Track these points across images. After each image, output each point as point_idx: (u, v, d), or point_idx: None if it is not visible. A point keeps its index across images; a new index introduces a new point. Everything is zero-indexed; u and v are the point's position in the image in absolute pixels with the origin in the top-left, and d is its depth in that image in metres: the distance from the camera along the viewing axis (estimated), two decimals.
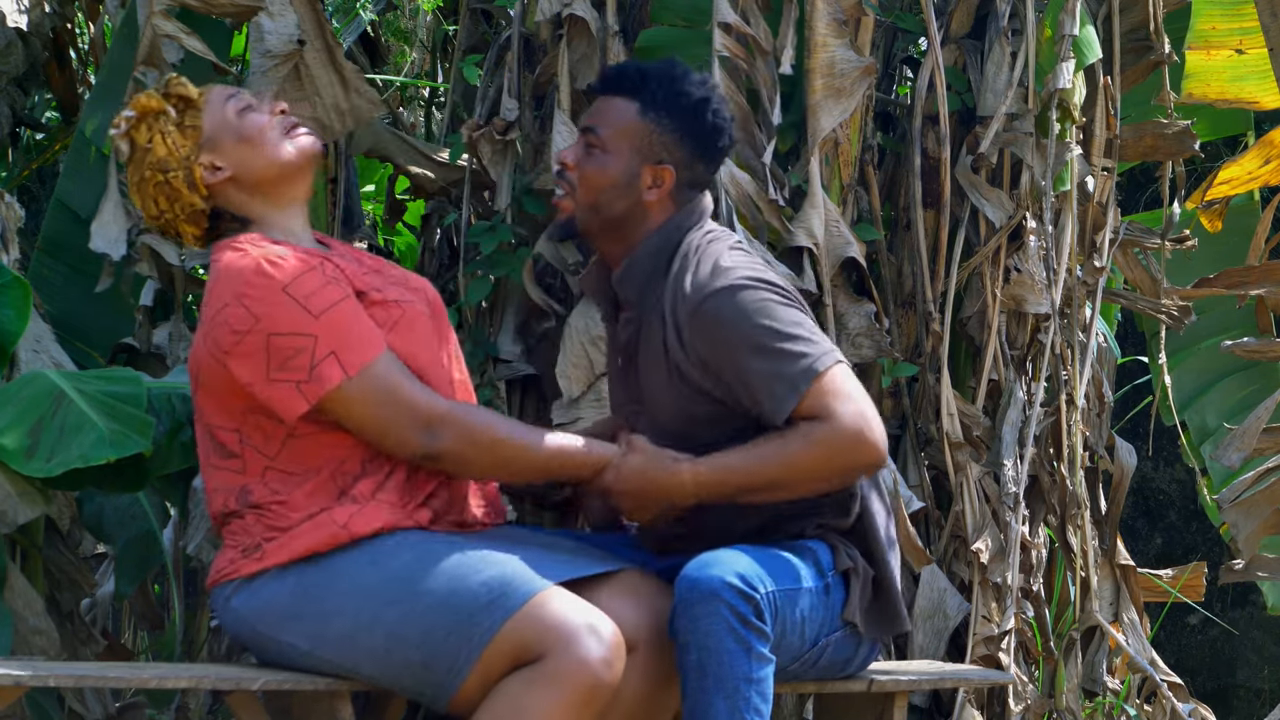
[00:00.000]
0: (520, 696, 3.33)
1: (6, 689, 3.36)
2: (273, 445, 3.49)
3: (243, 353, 3.43)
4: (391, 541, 3.45)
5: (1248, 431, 4.98)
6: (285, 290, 3.44)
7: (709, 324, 3.56)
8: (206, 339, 3.48)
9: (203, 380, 3.52)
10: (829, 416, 3.51)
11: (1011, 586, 4.85)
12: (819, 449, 3.52)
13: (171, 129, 3.61)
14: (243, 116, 3.62)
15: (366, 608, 3.40)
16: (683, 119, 3.65)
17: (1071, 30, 4.85)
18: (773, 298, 3.58)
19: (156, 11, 4.63)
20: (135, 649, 5.81)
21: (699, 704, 3.43)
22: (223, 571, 3.53)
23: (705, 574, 3.43)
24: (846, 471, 3.58)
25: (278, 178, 3.62)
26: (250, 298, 3.44)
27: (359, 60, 6.36)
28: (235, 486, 3.51)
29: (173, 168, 3.60)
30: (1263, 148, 5.61)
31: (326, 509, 3.47)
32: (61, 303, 5.11)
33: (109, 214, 4.70)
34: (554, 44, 4.77)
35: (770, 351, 3.53)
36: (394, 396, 3.45)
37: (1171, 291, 5.43)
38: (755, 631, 3.44)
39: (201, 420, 3.56)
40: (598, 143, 3.65)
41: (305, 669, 3.48)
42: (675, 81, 3.65)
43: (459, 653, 3.36)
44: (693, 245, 3.66)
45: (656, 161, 3.65)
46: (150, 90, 3.66)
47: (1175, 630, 7.87)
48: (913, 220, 4.91)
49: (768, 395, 3.53)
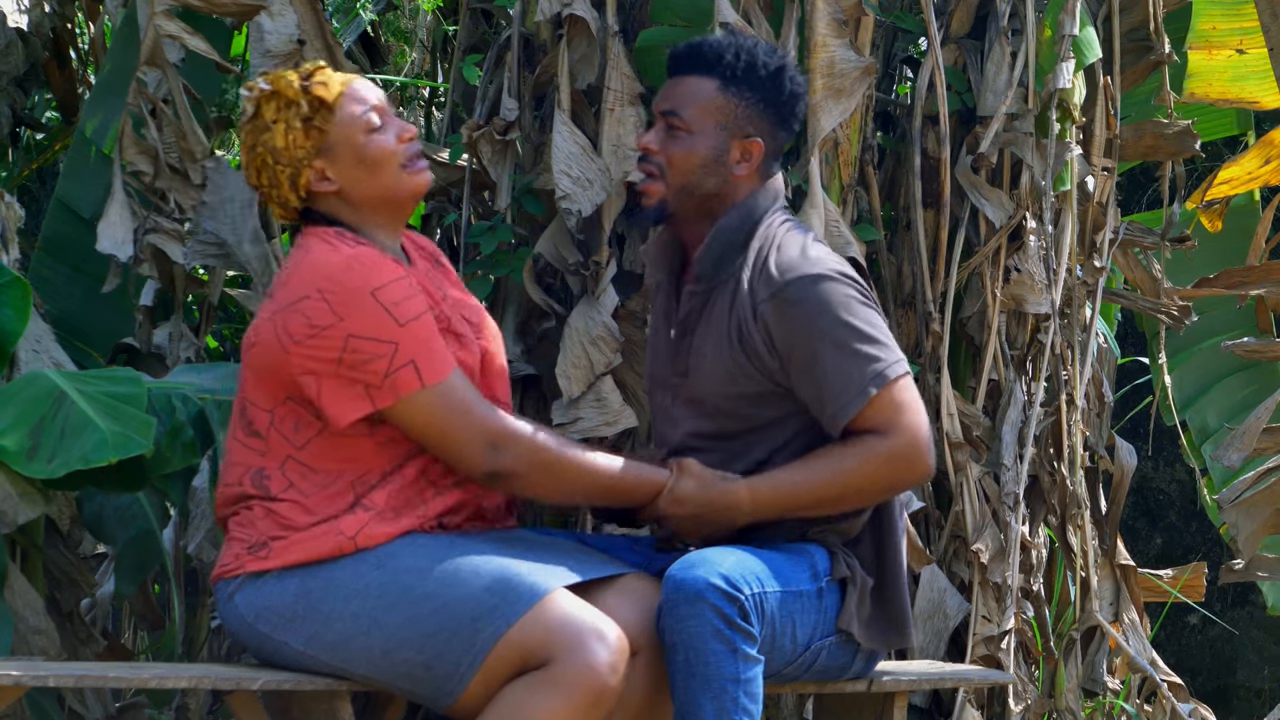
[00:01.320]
0: (525, 701, 3.33)
1: (6, 689, 3.36)
2: (301, 436, 3.48)
3: (315, 346, 3.42)
4: (394, 545, 3.45)
5: (1248, 431, 4.99)
6: (373, 294, 3.43)
7: (791, 307, 3.56)
8: (275, 320, 3.46)
9: (255, 356, 3.50)
10: (889, 431, 3.54)
11: (1011, 586, 4.85)
12: (876, 465, 3.55)
13: (297, 124, 3.54)
14: (369, 138, 3.55)
15: (367, 611, 3.40)
16: (764, 89, 3.64)
17: (1071, 30, 4.85)
18: (856, 295, 3.59)
19: (158, 11, 4.63)
20: (135, 649, 5.81)
21: (686, 704, 3.43)
22: (228, 567, 3.52)
23: (690, 574, 3.43)
24: (899, 487, 3.63)
25: (382, 205, 3.58)
26: (335, 295, 3.42)
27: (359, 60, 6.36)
28: (253, 467, 3.50)
29: (284, 161, 3.54)
30: (1263, 148, 5.61)
31: (336, 517, 3.46)
32: (62, 303, 5.11)
33: (115, 215, 4.70)
34: (554, 44, 4.77)
35: (846, 349, 3.54)
36: (465, 412, 3.45)
37: (1171, 291, 5.43)
38: (741, 632, 3.43)
39: (240, 392, 3.55)
40: (681, 124, 3.62)
41: (304, 670, 3.48)
42: (750, 53, 3.63)
43: (462, 657, 3.35)
44: (774, 227, 3.66)
45: (744, 136, 3.64)
46: (293, 74, 3.56)
47: (1175, 630, 7.87)
48: (913, 220, 4.91)
49: (836, 393, 3.54)
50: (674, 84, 3.67)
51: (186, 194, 4.78)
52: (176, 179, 4.77)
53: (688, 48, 3.68)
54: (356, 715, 3.56)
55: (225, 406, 4.18)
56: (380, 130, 3.57)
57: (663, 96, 3.68)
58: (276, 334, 3.45)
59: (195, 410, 4.12)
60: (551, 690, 3.32)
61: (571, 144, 4.62)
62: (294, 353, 3.43)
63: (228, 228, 4.78)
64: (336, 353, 3.41)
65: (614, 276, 4.62)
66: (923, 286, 4.89)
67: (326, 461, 3.47)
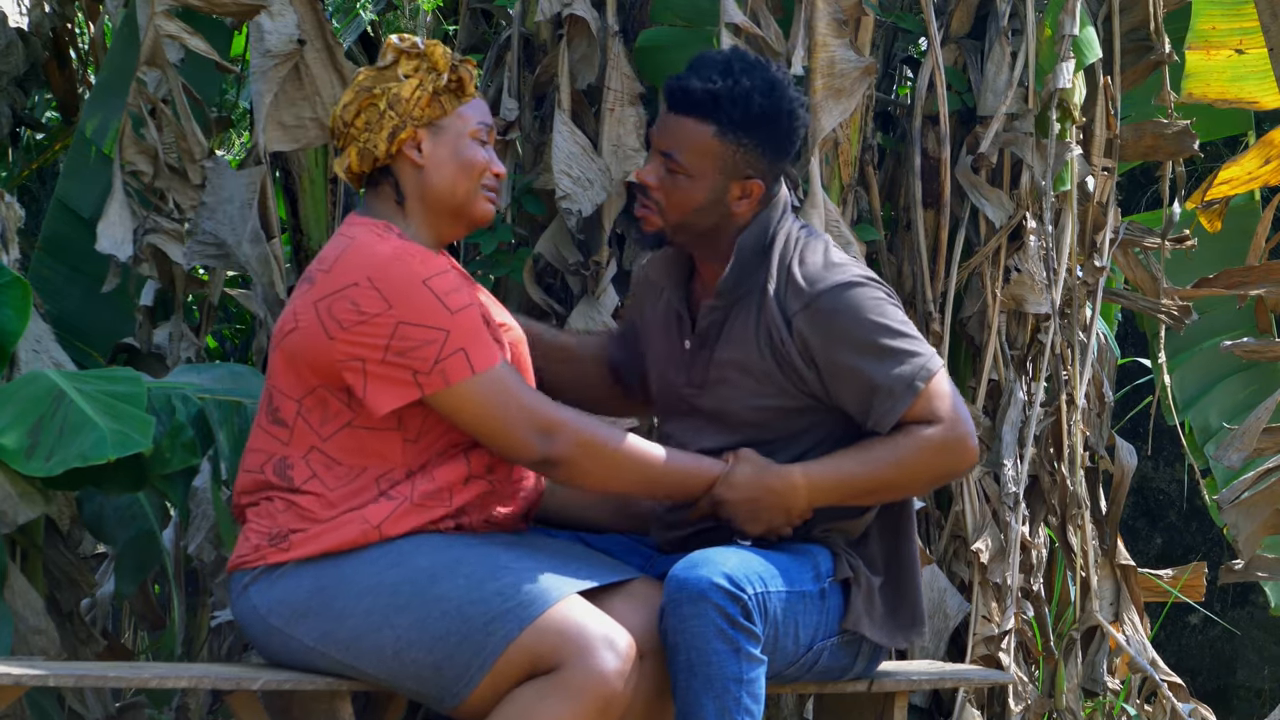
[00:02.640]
0: (533, 706, 3.33)
1: (6, 689, 3.36)
2: (328, 428, 3.48)
3: (362, 333, 3.42)
4: (411, 544, 3.45)
5: (1248, 432, 4.99)
6: (425, 283, 3.44)
7: (826, 317, 3.58)
8: (318, 307, 3.45)
9: (292, 342, 3.49)
10: (938, 419, 3.57)
11: (1011, 586, 4.85)
12: (930, 452, 3.56)
13: (429, 88, 3.57)
14: (473, 144, 3.60)
15: (380, 609, 3.40)
16: (761, 132, 3.62)
17: (1071, 30, 4.85)
18: (884, 296, 3.63)
19: (158, 11, 4.63)
20: (135, 649, 5.81)
21: (688, 704, 3.42)
22: (245, 558, 3.51)
23: (693, 574, 3.43)
24: (950, 474, 3.65)
25: (445, 209, 3.60)
26: (385, 283, 3.43)
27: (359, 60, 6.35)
28: (276, 456, 3.50)
29: (397, 111, 3.56)
30: (1263, 148, 5.61)
31: (359, 508, 3.46)
32: (61, 303, 5.11)
33: (115, 214, 4.69)
34: (554, 44, 4.77)
35: (887, 350, 3.56)
36: (515, 399, 3.46)
37: (1171, 291, 5.43)
38: (744, 632, 3.43)
39: (269, 379, 3.55)
40: (679, 168, 3.60)
41: (312, 665, 3.48)
42: (746, 97, 3.59)
43: (472, 660, 3.35)
44: (791, 237, 3.67)
45: (744, 177, 3.63)
46: (446, 50, 3.60)
47: (1175, 630, 7.87)
48: (913, 220, 4.91)
49: (884, 394, 3.56)
50: (672, 123, 3.62)
51: (185, 194, 4.78)
52: (175, 179, 4.77)
53: (684, 90, 3.61)
54: (356, 715, 3.56)
55: (225, 406, 4.18)
56: (483, 147, 3.62)
57: (660, 133, 3.64)
58: (321, 320, 3.44)
59: (195, 410, 4.12)
60: (560, 695, 3.32)
61: (571, 144, 4.62)
62: (340, 339, 3.43)
63: (227, 228, 4.78)
64: (385, 339, 3.41)
65: (614, 276, 4.62)
66: (923, 286, 4.89)
67: (351, 456, 3.47)
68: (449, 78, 3.57)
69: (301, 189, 5.27)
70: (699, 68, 3.62)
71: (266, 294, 4.82)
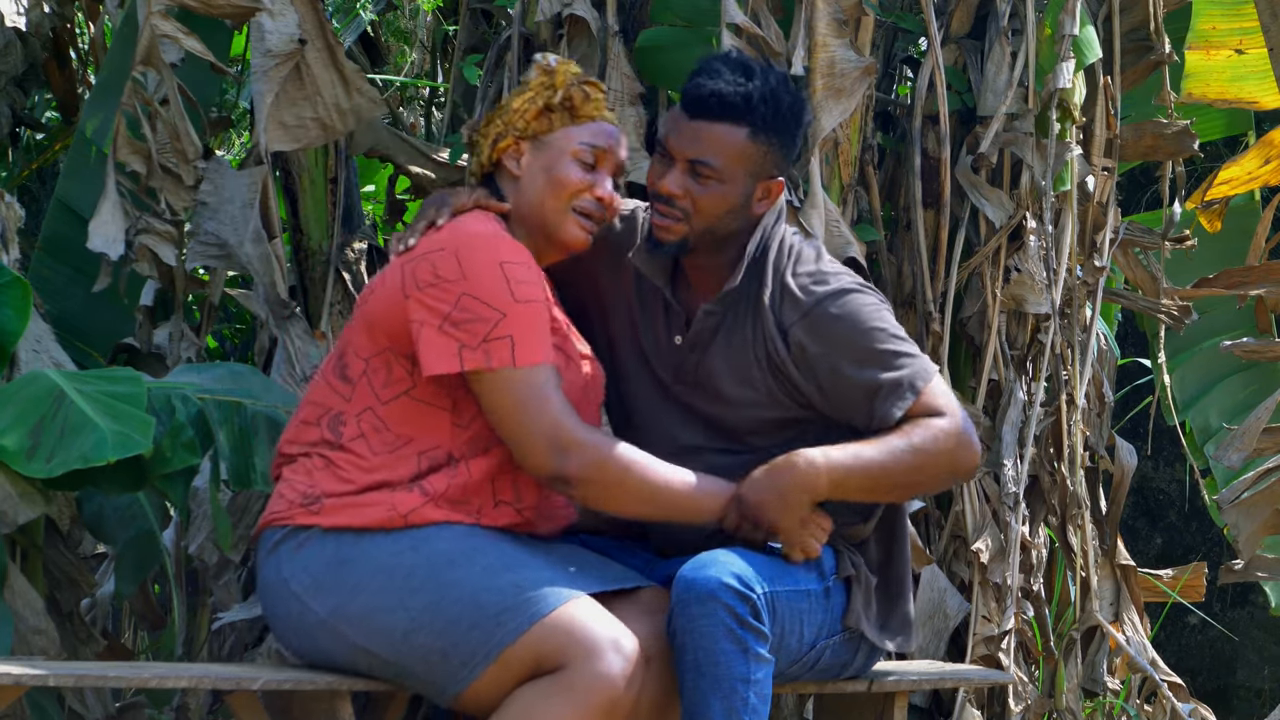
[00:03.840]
0: (537, 706, 3.34)
1: (6, 689, 3.36)
2: (387, 392, 3.52)
3: (432, 295, 3.48)
4: (433, 529, 3.47)
5: (1248, 432, 4.99)
6: (501, 265, 3.49)
7: (824, 325, 3.59)
8: (404, 268, 3.53)
9: (373, 300, 3.57)
10: (943, 413, 3.58)
11: (1011, 586, 4.85)
12: (944, 438, 3.56)
13: (539, 102, 3.65)
14: (569, 163, 3.64)
15: (394, 589, 3.42)
16: (788, 130, 3.65)
17: (1071, 30, 4.85)
18: (877, 301, 3.65)
19: (155, 12, 4.62)
20: (135, 649, 5.81)
21: (695, 704, 3.42)
22: (278, 515, 3.55)
23: (702, 574, 3.43)
24: (960, 466, 3.62)
25: (536, 226, 3.65)
26: (466, 255, 3.49)
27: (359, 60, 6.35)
28: (333, 410, 3.55)
29: (503, 118, 3.67)
30: (1263, 148, 5.61)
31: (392, 487, 3.49)
32: (62, 303, 5.11)
33: (107, 213, 4.69)
34: (554, 44, 4.77)
35: (887, 354, 3.58)
36: (545, 405, 3.46)
37: (1171, 291, 5.43)
38: (753, 632, 3.43)
39: (345, 334, 3.61)
40: (713, 174, 3.59)
41: (320, 642, 3.49)
42: (775, 95, 3.60)
43: (479, 648, 3.37)
44: (785, 244, 3.69)
45: (769, 177, 3.65)
46: (577, 70, 3.69)
47: (1175, 630, 7.87)
48: (913, 220, 4.91)
49: (886, 394, 3.56)
50: (701, 129, 3.59)
51: (178, 195, 4.78)
52: (169, 179, 4.77)
53: (716, 96, 3.59)
54: (356, 715, 3.56)
55: (225, 406, 4.18)
56: (586, 170, 3.64)
57: (688, 142, 3.61)
58: (402, 279, 3.52)
59: (195, 410, 4.12)
60: (564, 696, 3.33)
61: None
62: (413, 298, 3.49)
63: (229, 228, 4.78)
64: (448, 307, 3.47)
65: None
66: (923, 286, 4.89)
67: (401, 424, 3.51)
68: (563, 95, 3.64)
69: (301, 189, 5.27)
70: (716, 72, 3.61)
71: (268, 294, 4.82)
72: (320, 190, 5.27)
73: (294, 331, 4.86)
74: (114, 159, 4.74)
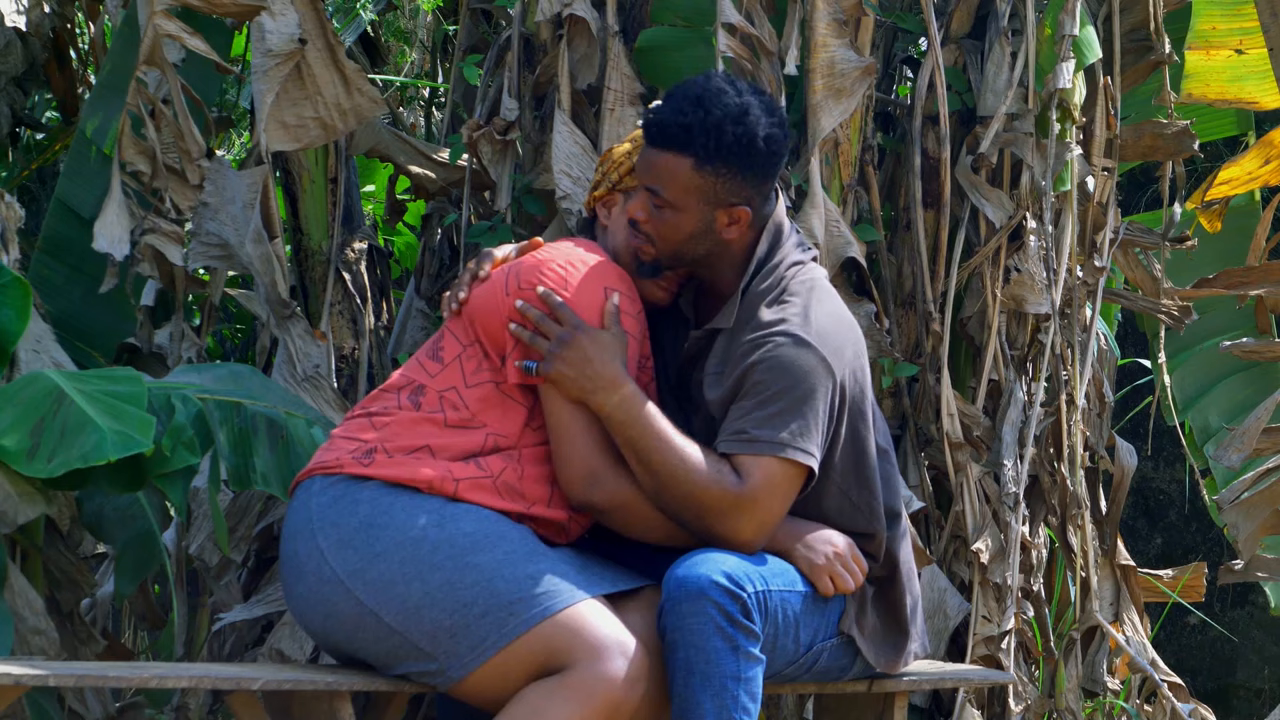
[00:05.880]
0: (542, 707, 3.36)
1: (6, 689, 3.36)
2: (475, 377, 3.60)
3: (530, 299, 3.56)
4: (464, 508, 3.51)
5: (1247, 432, 4.99)
6: (605, 289, 3.58)
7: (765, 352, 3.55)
8: (512, 268, 3.63)
9: (477, 291, 3.65)
10: (750, 487, 3.49)
11: (1011, 586, 4.85)
12: (713, 492, 3.49)
13: (635, 159, 3.71)
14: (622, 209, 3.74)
15: (414, 561, 3.45)
16: (739, 160, 3.60)
17: (1071, 30, 4.85)
18: (823, 385, 3.55)
19: (158, 11, 4.63)
20: (135, 649, 5.81)
21: (686, 702, 3.43)
22: (326, 464, 3.59)
23: (693, 572, 3.44)
24: (707, 525, 3.52)
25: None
26: (575, 272, 3.59)
27: (359, 60, 6.36)
28: (417, 383, 3.62)
29: (603, 170, 3.79)
30: (1263, 148, 5.61)
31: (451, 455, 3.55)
32: (62, 303, 5.11)
33: (112, 214, 4.70)
34: (554, 44, 4.77)
35: (782, 414, 3.51)
36: (592, 435, 3.55)
37: (1171, 291, 5.43)
38: (743, 630, 3.44)
39: (447, 322, 3.68)
40: (664, 202, 3.61)
41: (332, 595, 3.49)
42: (718, 127, 3.58)
43: (489, 634, 3.40)
44: (778, 276, 3.65)
45: (729, 205, 3.62)
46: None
47: (1175, 630, 7.87)
48: (913, 220, 4.91)
49: (743, 431, 3.52)
50: (652, 157, 3.63)
51: (183, 194, 4.79)
52: (174, 179, 4.77)
53: (658, 125, 3.62)
54: (357, 715, 3.56)
55: (225, 406, 4.18)
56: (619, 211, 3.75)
57: (643, 169, 3.65)
58: (506, 278, 3.61)
59: (195, 410, 4.12)
60: (568, 697, 3.36)
61: (571, 144, 4.62)
62: (513, 296, 3.58)
63: (230, 228, 4.78)
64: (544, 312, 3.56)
65: None
66: (923, 286, 4.89)
67: (480, 406, 3.58)
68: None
69: (302, 189, 5.27)
70: (673, 99, 3.64)
71: (269, 294, 4.82)
72: (320, 190, 5.27)
73: (294, 331, 4.86)
74: (118, 159, 4.74)
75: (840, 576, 3.61)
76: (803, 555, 3.60)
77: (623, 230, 3.71)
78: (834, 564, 3.61)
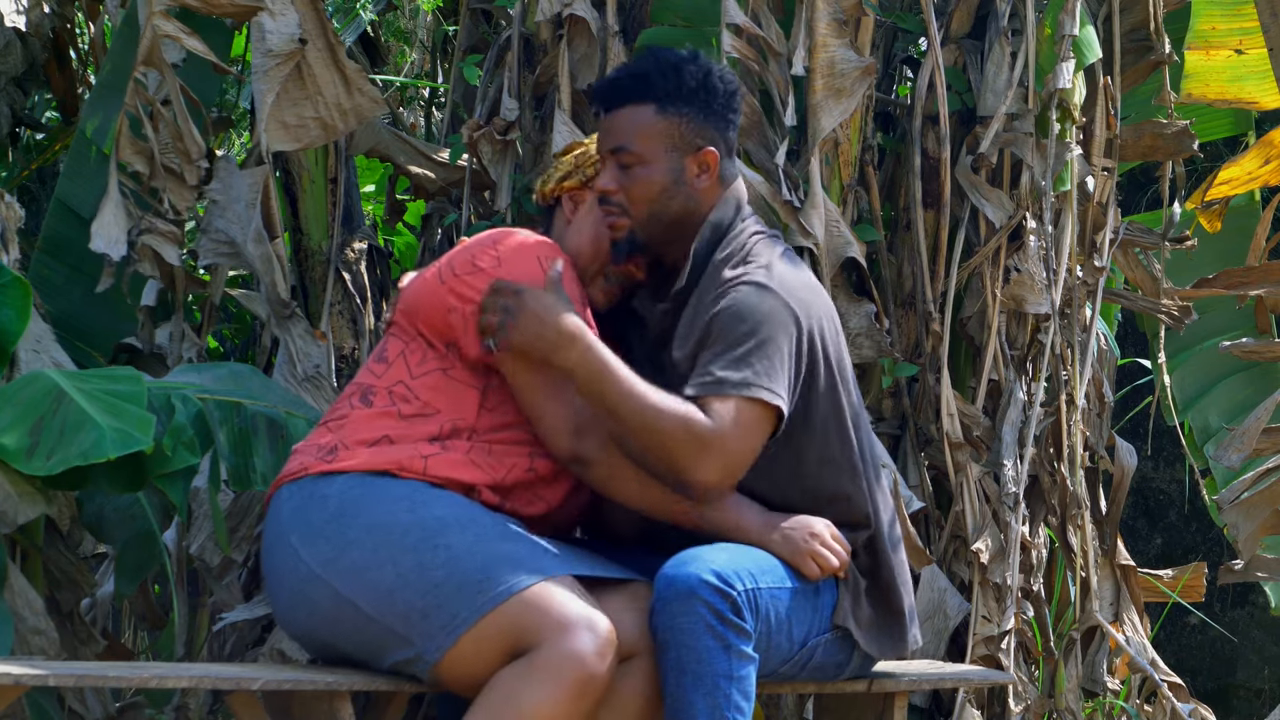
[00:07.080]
0: (515, 691, 3.36)
1: (6, 689, 3.36)
2: (421, 368, 3.62)
3: (468, 282, 3.59)
4: (435, 493, 3.53)
5: (1247, 432, 4.99)
6: (539, 258, 3.61)
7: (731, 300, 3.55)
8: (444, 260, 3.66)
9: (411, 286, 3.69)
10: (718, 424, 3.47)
11: (1011, 586, 4.85)
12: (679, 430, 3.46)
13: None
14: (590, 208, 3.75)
15: (386, 545, 3.46)
16: (698, 99, 3.64)
17: (1071, 30, 4.85)
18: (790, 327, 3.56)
19: (157, 11, 4.63)
20: (135, 649, 5.81)
21: (678, 702, 3.43)
22: (291, 472, 3.61)
23: (683, 571, 3.44)
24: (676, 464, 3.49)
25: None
26: (506, 248, 3.62)
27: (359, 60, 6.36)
28: (365, 385, 3.65)
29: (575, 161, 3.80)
30: (1263, 148, 5.61)
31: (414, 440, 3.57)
32: (62, 303, 5.11)
33: (109, 214, 4.70)
34: (554, 44, 4.77)
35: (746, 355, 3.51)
36: (561, 393, 3.57)
37: (1171, 291, 5.43)
38: (734, 628, 3.44)
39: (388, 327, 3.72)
40: (632, 159, 3.63)
41: (310, 591, 3.50)
42: (675, 68, 3.64)
43: (459, 612, 3.41)
44: (743, 239, 3.67)
45: (696, 149, 3.65)
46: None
47: (1175, 630, 7.87)
48: (913, 220, 4.91)
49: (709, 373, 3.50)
50: (611, 120, 3.65)
51: (181, 195, 4.79)
52: (172, 179, 4.77)
53: (611, 82, 3.67)
54: (357, 715, 3.56)
55: (225, 406, 4.19)
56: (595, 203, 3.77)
57: (604, 136, 3.67)
58: (440, 269, 3.66)
59: (195, 410, 4.12)
60: (539, 677, 3.36)
61: None
62: (449, 284, 3.61)
63: (236, 226, 4.79)
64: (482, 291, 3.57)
65: None
66: (923, 286, 4.89)
67: (431, 394, 3.60)
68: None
69: (302, 189, 5.27)
70: (619, 68, 3.71)
71: (269, 293, 4.82)
72: (320, 190, 5.28)
73: (295, 331, 4.87)
74: (116, 159, 4.74)
75: (823, 557, 3.61)
76: (781, 543, 3.59)
77: (590, 227, 3.71)
78: (814, 544, 3.60)
